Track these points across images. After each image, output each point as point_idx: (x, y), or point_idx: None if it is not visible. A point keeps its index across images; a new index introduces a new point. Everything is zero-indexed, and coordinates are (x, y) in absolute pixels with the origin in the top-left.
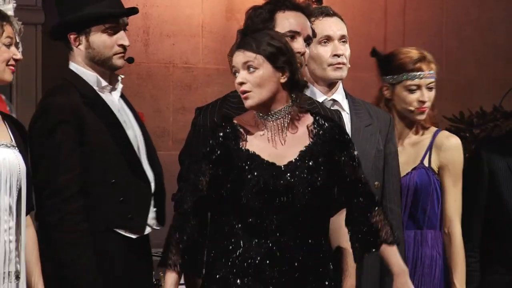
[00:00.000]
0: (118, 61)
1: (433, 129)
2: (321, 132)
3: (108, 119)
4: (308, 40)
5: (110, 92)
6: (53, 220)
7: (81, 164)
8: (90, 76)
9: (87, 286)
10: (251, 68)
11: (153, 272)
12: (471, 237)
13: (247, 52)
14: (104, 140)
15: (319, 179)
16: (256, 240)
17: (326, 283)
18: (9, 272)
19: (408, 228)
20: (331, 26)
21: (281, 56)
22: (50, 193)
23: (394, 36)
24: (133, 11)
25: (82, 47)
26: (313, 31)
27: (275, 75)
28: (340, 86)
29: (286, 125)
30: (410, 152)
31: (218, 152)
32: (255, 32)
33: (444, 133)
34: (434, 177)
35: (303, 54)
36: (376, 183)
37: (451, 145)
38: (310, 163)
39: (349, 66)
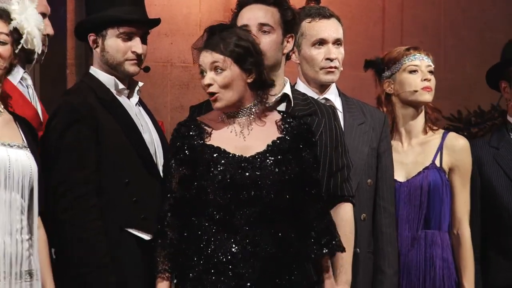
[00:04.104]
0: (130, 67)
1: (441, 130)
2: (289, 128)
3: (124, 121)
4: (261, 28)
5: (128, 96)
6: (66, 217)
7: (95, 163)
8: (107, 78)
9: (100, 284)
10: (219, 69)
11: None
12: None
13: (214, 53)
14: (119, 141)
15: (287, 172)
16: (227, 236)
17: (300, 275)
18: (21, 271)
19: (419, 228)
20: (327, 29)
21: (249, 57)
22: (64, 191)
23: (392, 35)
24: (154, 21)
25: (98, 49)
26: (287, 15)
27: (242, 77)
28: (332, 85)
29: (252, 121)
30: (418, 151)
31: (184, 151)
32: (223, 31)
33: (453, 134)
34: (445, 178)
35: None
36: (369, 180)
37: (461, 147)
38: (278, 157)
39: (342, 69)
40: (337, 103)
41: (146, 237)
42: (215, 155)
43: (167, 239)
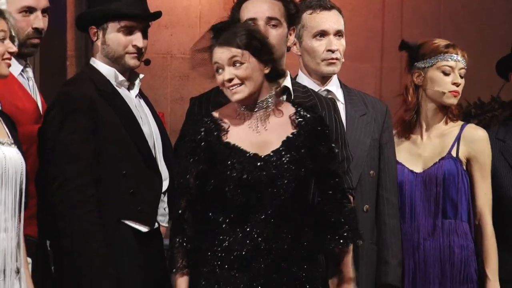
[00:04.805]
0: (131, 61)
1: (460, 122)
2: (303, 122)
3: (123, 112)
4: (269, 22)
5: (128, 88)
6: (64, 208)
7: (93, 154)
8: (107, 70)
9: (97, 275)
10: (237, 64)
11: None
12: None
13: (232, 48)
14: (117, 132)
15: (302, 170)
16: (241, 233)
17: (313, 272)
18: (12, 268)
19: (436, 217)
20: (328, 20)
21: (264, 49)
22: (61, 182)
23: (392, 27)
24: (155, 15)
25: (99, 42)
26: (290, 8)
27: (260, 68)
28: (334, 77)
29: (268, 114)
30: (436, 143)
31: (201, 148)
32: (231, 26)
33: (472, 126)
34: (461, 168)
35: None
36: (371, 172)
37: (479, 138)
38: (294, 154)
39: (343, 60)
40: (339, 95)
41: (143, 229)
42: (231, 154)
43: (185, 235)
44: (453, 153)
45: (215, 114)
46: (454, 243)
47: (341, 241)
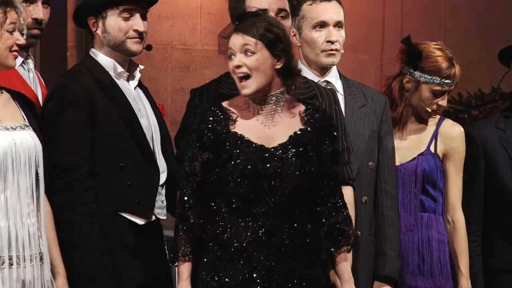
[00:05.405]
0: (133, 46)
1: (437, 116)
2: (312, 120)
3: (121, 105)
4: (280, 14)
5: (127, 80)
6: (62, 200)
7: (91, 146)
8: (106, 61)
9: (94, 267)
10: (249, 52)
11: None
12: (471, 220)
13: (246, 36)
14: (115, 125)
15: (307, 164)
16: (243, 224)
17: (313, 267)
18: (32, 255)
19: (415, 212)
20: (327, 11)
21: (279, 43)
22: (59, 174)
23: (392, 17)
24: None
25: (99, 31)
26: (292, 3)
27: (271, 61)
28: (333, 68)
29: (278, 109)
30: (413, 137)
31: (208, 136)
32: (254, 16)
33: (449, 122)
34: (440, 164)
35: None
36: (370, 163)
37: (456, 134)
38: (300, 149)
39: (343, 51)
40: (338, 86)
41: (140, 221)
42: (238, 143)
43: (190, 223)
44: (432, 149)
45: (225, 104)
46: (432, 237)
47: (336, 244)
